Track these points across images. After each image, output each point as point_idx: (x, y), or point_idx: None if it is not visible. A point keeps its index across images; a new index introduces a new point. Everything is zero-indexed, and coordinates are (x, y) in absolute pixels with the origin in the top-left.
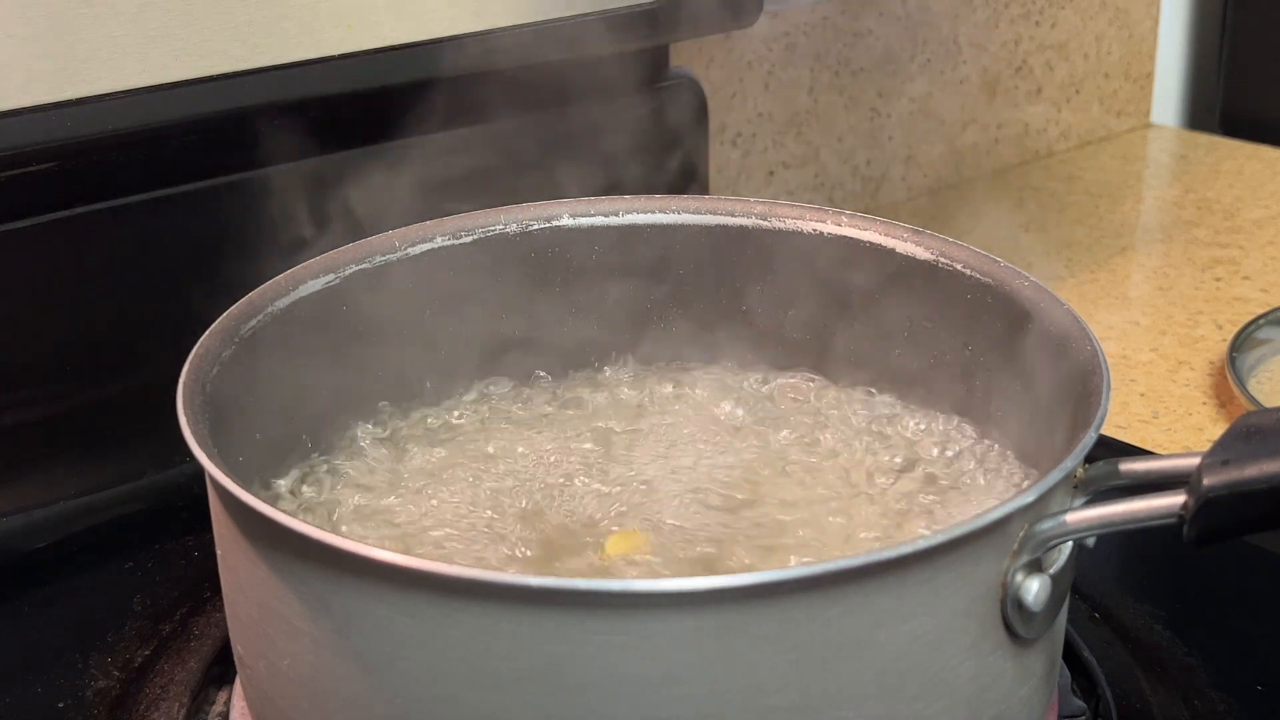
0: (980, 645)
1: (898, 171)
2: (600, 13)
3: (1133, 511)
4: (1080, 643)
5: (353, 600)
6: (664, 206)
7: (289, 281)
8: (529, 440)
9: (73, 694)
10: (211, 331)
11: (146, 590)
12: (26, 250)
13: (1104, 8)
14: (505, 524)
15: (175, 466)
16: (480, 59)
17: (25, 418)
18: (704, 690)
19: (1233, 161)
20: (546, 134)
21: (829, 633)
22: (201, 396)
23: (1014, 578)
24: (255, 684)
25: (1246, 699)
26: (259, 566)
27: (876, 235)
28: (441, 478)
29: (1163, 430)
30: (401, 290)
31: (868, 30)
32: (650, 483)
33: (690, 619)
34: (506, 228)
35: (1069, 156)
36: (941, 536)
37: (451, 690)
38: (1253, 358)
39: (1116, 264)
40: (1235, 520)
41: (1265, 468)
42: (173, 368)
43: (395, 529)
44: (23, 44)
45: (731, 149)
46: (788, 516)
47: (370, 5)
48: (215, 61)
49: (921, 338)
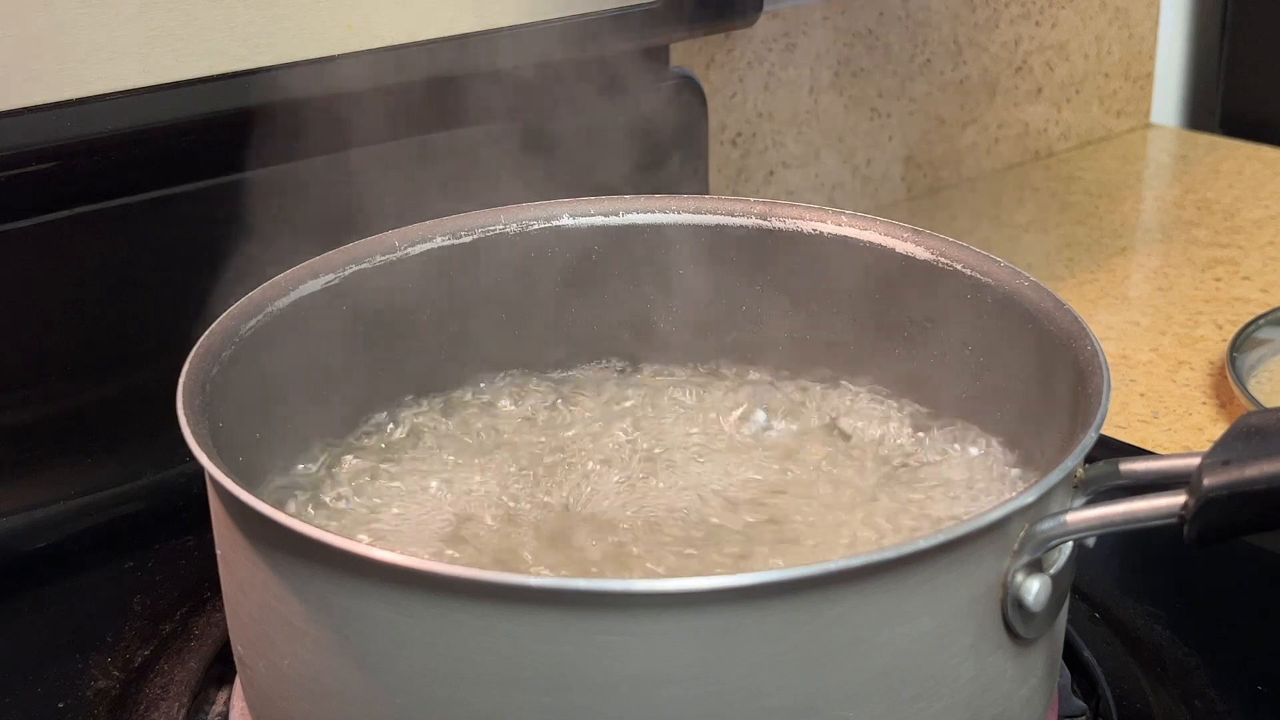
0: (980, 645)
1: (898, 171)
2: (600, 13)
3: (1133, 511)
4: (1080, 643)
5: (353, 600)
6: (664, 206)
7: (289, 281)
8: (529, 440)
9: (73, 694)
10: (211, 331)
11: (146, 590)
12: (26, 250)
13: (1104, 8)
14: (506, 524)
15: (175, 466)
16: (480, 59)
17: (25, 418)
18: (703, 690)
19: (1233, 161)
20: (546, 134)
21: (829, 633)
22: (201, 396)
23: (1014, 578)
24: (255, 684)
25: (1246, 699)
26: (259, 567)
27: (876, 235)
28: (442, 478)
29: (1163, 430)
30: (401, 290)
31: (868, 30)
32: (651, 482)
33: (690, 619)
34: (506, 228)
35: (1069, 156)
36: (941, 536)
37: (451, 690)
38: (1253, 358)
39: (1116, 264)
40: (1235, 520)
41: (1265, 468)
42: (173, 368)
43: (395, 529)
44: (23, 44)
45: (731, 149)
46: (786, 517)
47: (370, 5)
48: (215, 61)
49: (921, 338)
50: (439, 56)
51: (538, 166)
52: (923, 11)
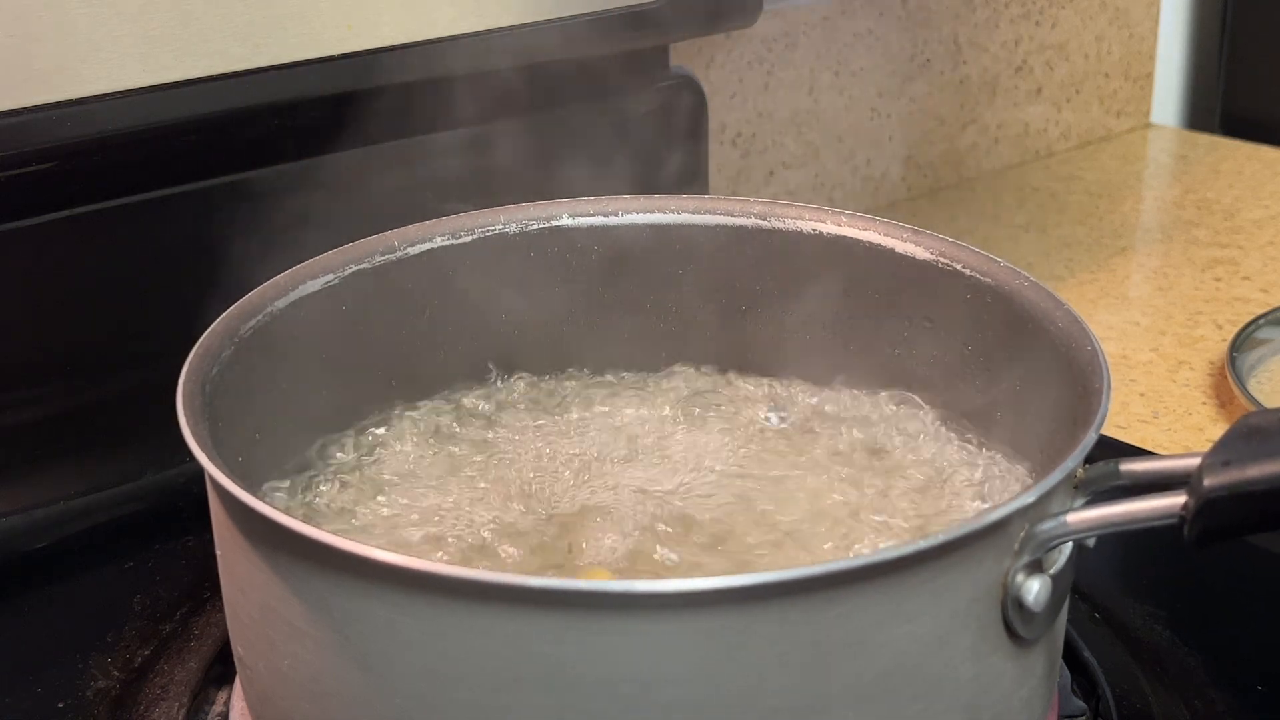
0: (980, 646)
1: (897, 171)
2: (600, 13)
3: (1133, 512)
4: (1080, 643)
5: (353, 600)
6: (664, 206)
7: (289, 281)
8: (529, 442)
9: (73, 694)
10: (211, 331)
11: (146, 590)
12: (26, 250)
13: (1104, 8)
14: (506, 525)
15: (175, 466)
16: (480, 59)
17: (25, 418)
18: (704, 690)
19: (1233, 161)
20: (546, 134)
21: (829, 633)
22: (201, 396)
23: (1014, 578)
24: (255, 684)
25: (1246, 699)
26: (259, 567)
27: (876, 235)
28: (443, 478)
29: (1163, 430)
30: (401, 290)
31: (868, 30)
32: (651, 482)
33: (690, 619)
34: (506, 228)
35: (1069, 156)
36: (941, 537)
37: (451, 690)
38: (1253, 358)
39: (1116, 264)
40: (1235, 521)
41: (1265, 468)
42: (173, 368)
43: (395, 529)
44: (23, 44)
45: (731, 149)
46: (785, 517)
47: (370, 5)
48: (215, 61)
49: (921, 338)
50: (439, 56)
51: (537, 167)
52: (923, 11)
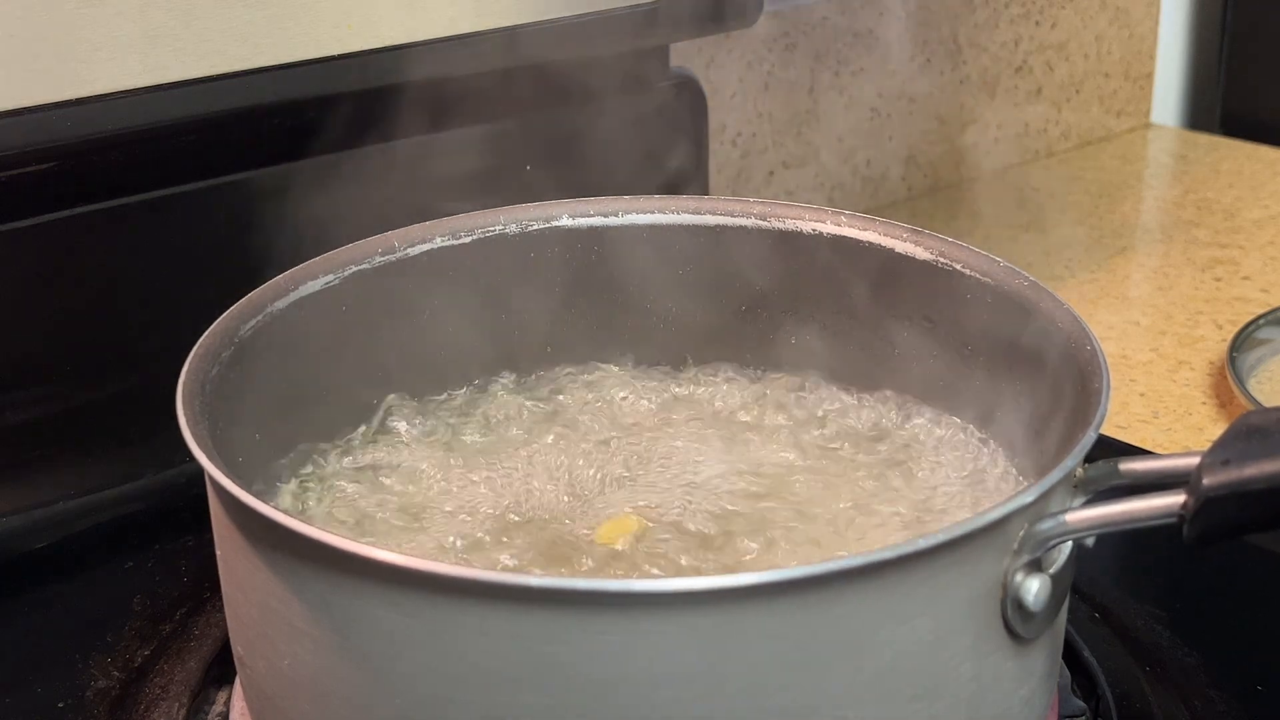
0: (980, 645)
1: (898, 171)
2: (600, 13)
3: (1133, 511)
4: (1080, 643)
5: (353, 600)
6: (664, 206)
7: (289, 281)
8: (529, 442)
9: (73, 694)
10: (211, 331)
11: (146, 590)
12: (26, 250)
13: (1104, 8)
14: (508, 525)
15: (175, 466)
16: (480, 59)
17: (25, 418)
18: (704, 690)
19: (1233, 161)
20: (546, 134)
21: (829, 633)
22: (201, 396)
23: (1014, 578)
24: (255, 684)
25: (1246, 699)
26: (259, 567)
27: (876, 235)
28: (444, 478)
29: (1163, 430)
30: (401, 291)
31: (868, 30)
32: (651, 483)
33: (690, 619)
34: (506, 228)
35: (1069, 156)
36: (941, 536)
37: (451, 690)
38: (1253, 358)
39: (1116, 264)
40: (1235, 520)
41: (1265, 468)
42: (173, 368)
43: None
44: (23, 44)
45: (731, 149)
46: (784, 517)
47: (370, 5)
48: (215, 61)
49: (921, 338)
50: (439, 56)
51: (537, 167)
52: (923, 11)
